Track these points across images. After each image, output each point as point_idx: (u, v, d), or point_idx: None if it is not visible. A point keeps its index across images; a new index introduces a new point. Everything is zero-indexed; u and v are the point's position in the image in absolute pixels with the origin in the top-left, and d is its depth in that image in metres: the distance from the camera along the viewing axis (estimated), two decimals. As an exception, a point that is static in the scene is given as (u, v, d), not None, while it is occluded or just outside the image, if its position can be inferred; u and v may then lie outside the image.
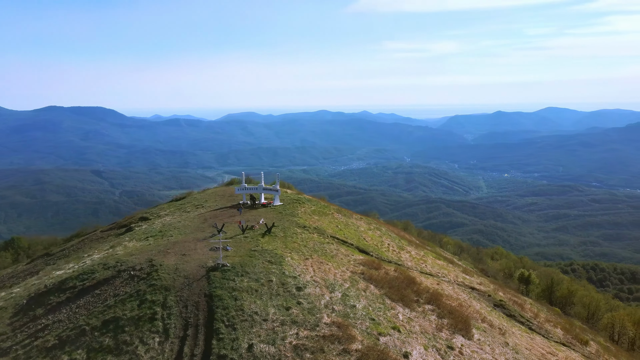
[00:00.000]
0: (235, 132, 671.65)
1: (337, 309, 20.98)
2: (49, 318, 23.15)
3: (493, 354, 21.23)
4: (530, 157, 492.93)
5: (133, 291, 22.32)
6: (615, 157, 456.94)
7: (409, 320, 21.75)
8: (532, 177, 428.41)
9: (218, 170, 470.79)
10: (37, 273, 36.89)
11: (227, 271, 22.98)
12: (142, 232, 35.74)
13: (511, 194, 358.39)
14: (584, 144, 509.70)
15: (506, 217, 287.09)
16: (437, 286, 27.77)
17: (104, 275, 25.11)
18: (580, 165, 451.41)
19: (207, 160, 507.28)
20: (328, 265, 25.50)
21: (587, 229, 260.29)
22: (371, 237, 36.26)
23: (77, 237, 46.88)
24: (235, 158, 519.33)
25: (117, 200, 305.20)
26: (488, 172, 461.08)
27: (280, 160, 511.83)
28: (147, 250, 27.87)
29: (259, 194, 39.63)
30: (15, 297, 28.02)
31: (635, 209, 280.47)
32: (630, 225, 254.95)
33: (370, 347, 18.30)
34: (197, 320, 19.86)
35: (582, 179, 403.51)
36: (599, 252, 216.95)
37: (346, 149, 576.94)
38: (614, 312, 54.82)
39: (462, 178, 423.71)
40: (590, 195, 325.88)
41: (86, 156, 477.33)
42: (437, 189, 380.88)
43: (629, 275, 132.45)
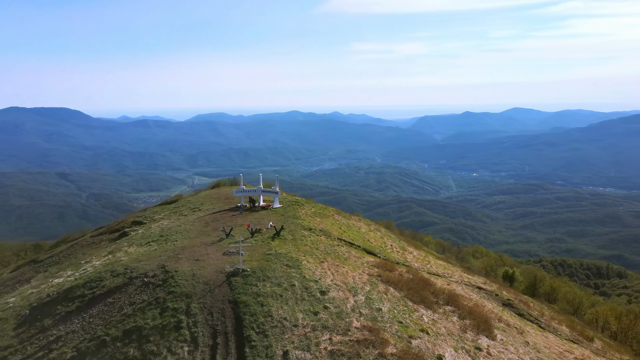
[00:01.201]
0: (205, 133, 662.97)
1: (364, 313, 20.82)
2: (60, 329, 22.19)
3: (518, 353, 21.48)
4: (497, 157, 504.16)
5: (151, 299, 21.60)
6: (578, 156, 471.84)
7: (433, 322, 21.78)
8: (499, 176, 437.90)
9: (188, 172, 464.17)
10: (28, 281, 35.42)
11: (248, 276, 22.51)
12: (140, 236, 34.75)
13: (480, 192, 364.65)
14: (549, 143, 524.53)
15: (475, 216, 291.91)
16: (449, 287, 27.94)
17: (114, 282, 24.23)
18: (545, 164, 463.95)
19: (177, 162, 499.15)
20: (344, 268, 25.31)
21: (553, 226, 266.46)
22: (374, 238, 36.27)
23: (64, 243, 45.23)
24: (205, 159, 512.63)
25: (84, 203, 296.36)
26: (457, 172, 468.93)
27: (252, 161, 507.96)
28: (155, 255, 27.05)
29: (258, 196, 39.08)
30: (15, 307, 26.80)
31: (597, 206, 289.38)
32: (593, 222, 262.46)
33: (405, 351, 18.22)
34: (225, 327, 19.35)
35: (547, 177, 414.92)
36: (564, 248, 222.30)
37: (318, 149, 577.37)
38: (597, 307, 56.38)
39: (432, 178, 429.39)
40: (556, 194, 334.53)
41: (50, 158, 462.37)
42: (408, 188, 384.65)
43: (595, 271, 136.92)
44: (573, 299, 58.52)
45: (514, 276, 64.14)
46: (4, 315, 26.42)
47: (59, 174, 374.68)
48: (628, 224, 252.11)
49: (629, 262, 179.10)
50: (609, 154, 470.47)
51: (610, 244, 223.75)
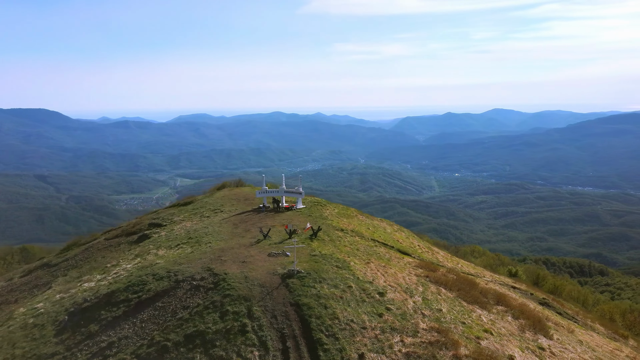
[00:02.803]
0: (187, 134, 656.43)
1: (426, 314, 20.66)
2: (110, 334, 21.50)
3: (577, 352, 21.58)
4: (479, 157, 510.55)
5: (207, 303, 21.06)
6: (557, 156, 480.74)
7: (492, 322, 21.74)
8: (481, 176, 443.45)
9: (170, 174, 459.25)
10: (46, 285, 34.40)
11: (304, 278, 22.15)
12: (165, 239, 34.01)
13: (462, 192, 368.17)
14: (529, 143, 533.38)
15: (458, 215, 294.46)
16: (489, 286, 27.97)
17: (160, 286, 23.60)
18: (525, 164, 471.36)
19: (158, 163, 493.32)
20: (391, 269, 25.12)
21: (534, 225, 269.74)
22: (401, 238, 36.19)
23: (75, 246, 44.01)
24: (187, 160, 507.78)
25: (64, 206, 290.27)
26: (439, 172, 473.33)
27: (234, 163, 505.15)
28: (194, 258, 26.45)
29: (281, 197, 38.65)
30: (48, 313, 25.94)
31: (576, 205, 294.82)
32: (573, 220, 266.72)
33: (478, 352, 18.11)
34: (293, 331, 18.96)
35: (527, 177, 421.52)
36: (545, 247, 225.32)
37: (301, 150, 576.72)
38: (602, 304, 57.28)
39: (414, 178, 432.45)
40: (536, 193, 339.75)
41: (28, 160, 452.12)
42: (391, 189, 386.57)
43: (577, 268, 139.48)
44: (577, 296, 59.32)
45: (517, 274, 64.80)
46: (38, 321, 25.54)
47: (38, 176, 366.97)
48: (606, 223, 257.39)
49: (608, 260, 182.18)
50: (588, 154, 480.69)
51: (589, 242, 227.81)
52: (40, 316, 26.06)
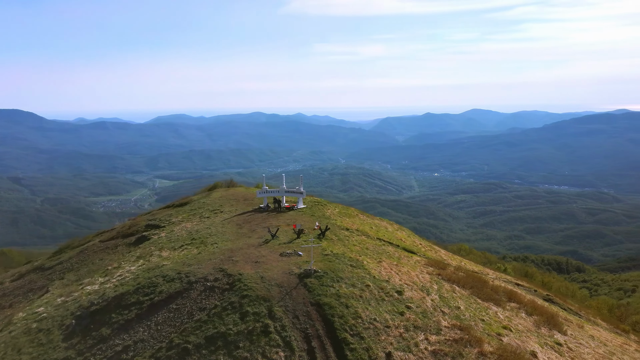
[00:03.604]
0: (166, 135, 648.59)
1: (446, 312, 20.72)
2: (124, 338, 21.01)
3: (591, 347, 21.92)
4: (458, 157, 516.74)
5: (225, 304, 20.75)
6: (534, 155, 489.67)
7: (509, 319, 21.94)
8: (460, 176, 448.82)
9: (148, 175, 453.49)
10: (43, 289, 33.51)
11: (322, 277, 22.00)
12: (166, 240, 33.44)
13: (441, 192, 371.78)
14: (506, 143, 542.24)
15: (438, 215, 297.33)
16: (496, 283, 28.23)
17: (172, 288, 23.17)
18: (503, 163, 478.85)
19: (137, 165, 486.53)
20: (404, 267, 25.15)
21: (512, 223, 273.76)
22: (403, 237, 36.31)
23: (69, 249, 42.97)
24: (166, 162, 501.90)
25: (39, 208, 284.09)
26: (419, 172, 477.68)
27: (214, 163, 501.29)
28: (204, 259, 26.06)
29: (281, 196, 38.40)
30: (53, 317, 25.26)
31: (553, 204, 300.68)
32: (549, 219, 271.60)
33: (503, 348, 18.24)
34: (317, 331, 18.80)
35: (505, 176, 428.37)
36: (523, 245, 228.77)
37: (282, 151, 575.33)
38: (590, 300, 58.47)
39: (394, 178, 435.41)
40: (514, 192, 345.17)
41: (2, 162, 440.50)
42: (372, 189, 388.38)
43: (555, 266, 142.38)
44: (566, 292, 60.43)
45: (507, 272, 65.68)
46: (43, 325, 24.84)
47: (12, 178, 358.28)
48: (582, 221, 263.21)
49: (583, 256, 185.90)
50: (563, 154, 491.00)
51: (565, 240, 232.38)
52: (44, 321, 25.35)
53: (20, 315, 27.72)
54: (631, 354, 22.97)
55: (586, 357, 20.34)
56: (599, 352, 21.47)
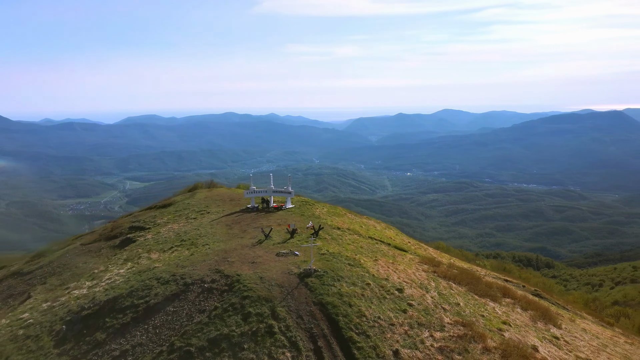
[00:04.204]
0: (136, 136, 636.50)
1: (447, 309, 20.89)
2: (120, 342, 20.44)
3: (585, 340, 22.45)
4: (430, 157, 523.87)
5: (226, 305, 20.41)
6: (504, 154, 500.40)
7: (507, 314, 22.28)
8: (432, 175, 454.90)
9: (119, 177, 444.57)
10: (24, 295, 32.35)
11: (322, 277, 21.87)
12: (153, 242, 32.74)
13: (414, 191, 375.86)
14: (477, 143, 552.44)
15: (411, 214, 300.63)
16: (489, 280, 28.64)
17: (168, 290, 22.67)
18: (474, 163, 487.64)
19: (106, 166, 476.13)
20: (400, 266, 25.27)
21: (483, 221, 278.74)
22: (392, 235, 36.49)
23: (48, 253, 41.55)
24: (137, 163, 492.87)
25: (4, 212, 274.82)
26: (392, 172, 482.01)
27: (186, 165, 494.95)
28: (197, 260, 25.60)
29: (269, 196, 38.09)
30: (41, 323, 24.41)
31: (522, 202, 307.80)
32: (519, 216, 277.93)
33: (506, 343, 18.50)
34: (322, 330, 18.67)
35: (476, 175, 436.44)
36: (494, 242, 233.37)
37: (255, 151, 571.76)
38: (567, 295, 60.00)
39: (368, 178, 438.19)
40: (484, 191, 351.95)
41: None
42: (346, 189, 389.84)
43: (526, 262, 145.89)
44: (543, 288, 61.81)
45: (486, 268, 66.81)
46: (30, 332, 23.98)
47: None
48: (549, 218, 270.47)
49: (551, 253, 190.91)
50: (532, 153, 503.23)
51: (534, 237, 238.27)
52: (31, 327, 24.47)
53: (3, 322, 26.69)
54: (621, 345, 23.62)
55: (582, 350, 20.82)
56: (592, 345, 22.01)
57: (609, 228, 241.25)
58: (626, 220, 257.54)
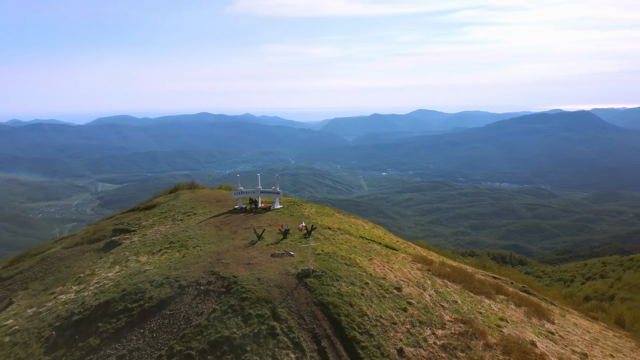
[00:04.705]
0: (108, 137, 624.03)
1: (445, 306, 21.04)
2: (116, 347, 19.94)
3: (578, 335, 22.90)
4: (405, 156, 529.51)
5: (225, 307, 20.10)
6: (477, 154, 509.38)
7: (502, 311, 22.57)
8: (407, 175, 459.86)
9: (90, 178, 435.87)
10: (4, 301, 31.25)
11: (321, 277, 21.76)
12: (140, 244, 32.07)
13: (390, 191, 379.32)
14: (451, 142, 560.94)
15: (387, 213, 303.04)
16: (480, 277, 29.00)
17: (163, 293, 22.22)
18: (448, 162, 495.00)
19: (77, 168, 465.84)
20: (395, 265, 25.36)
21: (457, 220, 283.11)
22: (381, 235, 36.58)
23: (27, 258, 40.25)
24: (109, 164, 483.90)
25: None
26: (368, 172, 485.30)
27: (160, 166, 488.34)
28: (190, 262, 25.17)
29: (257, 197, 37.77)
30: (28, 330, 23.64)
31: (495, 200, 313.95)
32: (492, 215, 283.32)
33: (506, 339, 18.74)
34: (324, 330, 18.57)
35: (450, 175, 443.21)
36: (468, 240, 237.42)
37: (231, 152, 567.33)
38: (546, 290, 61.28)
39: (344, 178, 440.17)
40: (458, 190, 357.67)
41: None
42: (322, 189, 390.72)
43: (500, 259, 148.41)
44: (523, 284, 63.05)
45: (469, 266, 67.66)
46: (17, 339, 23.18)
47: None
48: (521, 216, 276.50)
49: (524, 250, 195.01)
50: (504, 152, 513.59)
51: (507, 234, 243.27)
52: (17, 334, 23.65)
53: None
54: (611, 339, 24.22)
55: (577, 344, 21.27)
56: (585, 339, 22.51)
57: (578, 225, 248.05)
58: (595, 218, 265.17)
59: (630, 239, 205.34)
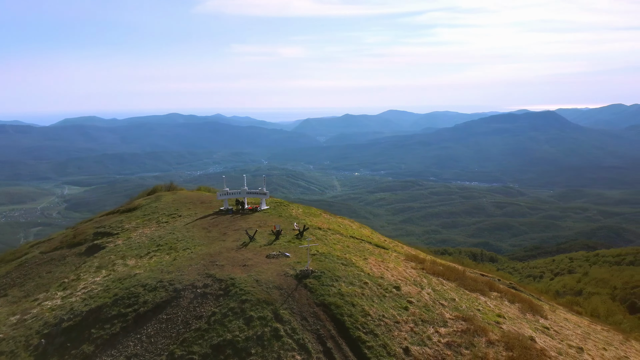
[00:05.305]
0: (75, 139, 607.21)
1: (445, 304, 21.20)
2: (112, 354, 19.36)
3: (571, 329, 23.45)
4: (376, 156, 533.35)
5: (225, 310, 19.74)
6: (447, 153, 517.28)
7: (498, 308, 22.89)
8: (379, 175, 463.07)
9: (57, 181, 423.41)
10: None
11: (320, 277, 21.62)
12: (126, 248, 31.23)
13: (362, 191, 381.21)
14: (421, 142, 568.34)
15: (360, 213, 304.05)
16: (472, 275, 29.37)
17: (158, 297, 21.69)
18: (419, 162, 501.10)
19: (43, 171, 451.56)
20: (390, 264, 25.43)
21: (429, 219, 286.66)
22: (369, 234, 36.69)
23: (3, 263, 38.71)
24: (76, 167, 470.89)
25: None
26: (341, 172, 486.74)
27: (129, 167, 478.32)
28: (183, 265, 24.64)
29: (243, 198, 37.33)
30: (14, 338, 22.79)
31: (465, 199, 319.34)
32: (463, 213, 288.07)
33: (507, 335, 19.01)
34: (329, 331, 18.44)
35: (421, 174, 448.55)
36: (440, 238, 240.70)
37: (202, 153, 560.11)
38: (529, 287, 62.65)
39: (317, 178, 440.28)
40: (429, 189, 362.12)
41: None
42: (295, 189, 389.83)
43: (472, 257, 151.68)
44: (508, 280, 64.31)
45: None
46: (3, 348, 22.35)
47: None
48: (491, 214, 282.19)
49: (494, 247, 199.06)
50: (473, 151, 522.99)
51: (477, 232, 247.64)
52: (3, 342, 22.73)
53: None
54: (600, 333, 24.91)
55: (571, 339, 21.77)
56: (578, 333, 23.07)
57: (545, 222, 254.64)
58: (561, 215, 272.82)
59: (595, 235, 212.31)
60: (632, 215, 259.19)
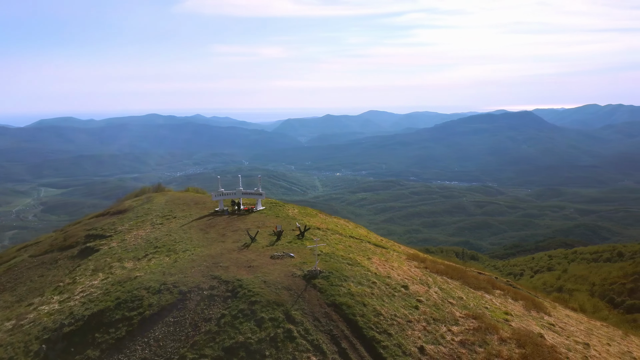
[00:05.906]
0: (51, 140, 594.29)
1: (453, 303, 21.27)
2: (119, 359, 18.86)
3: (574, 326, 23.77)
4: (358, 157, 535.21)
5: (235, 312, 19.45)
6: (427, 153, 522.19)
7: (504, 305, 23.07)
8: (360, 175, 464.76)
9: (32, 183, 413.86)
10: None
11: (329, 277, 21.47)
12: (122, 250, 30.59)
13: (344, 191, 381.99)
14: (402, 143, 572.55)
15: (342, 213, 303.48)
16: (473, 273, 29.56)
17: (163, 300, 21.26)
18: (399, 162, 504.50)
19: (17, 173, 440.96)
20: (394, 263, 25.44)
21: (410, 218, 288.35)
22: (365, 234, 36.68)
23: (-11, 267, 37.53)
24: (52, 168, 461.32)
25: None
26: (322, 172, 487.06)
27: (107, 169, 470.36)
28: (185, 267, 24.23)
29: (239, 199, 36.96)
30: (12, 344, 22.12)
31: (446, 198, 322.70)
32: (443, 212, 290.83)
33: (518, 333, 19.16)
34: (342, 332, 18.30)
35: (402, 174, 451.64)
36: (421, 238, 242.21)
37: (181, 154, 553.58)
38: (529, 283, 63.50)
39: (299, 179, 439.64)
40: (410, 189, 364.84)
41: None
42: (277, 190, 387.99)
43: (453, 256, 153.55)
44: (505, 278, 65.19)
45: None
46: (1, 354, 21.56)
47: None
48: (471, 213, 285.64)
49: (474, 246, 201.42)
50: (453, 151, 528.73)
51: (458, 231, 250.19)
52: (0, 349, 21.96)
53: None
54: (601, 329, 25.32)
55: (577, 335, 22.08)
56: (581, 329, 23.41)
57: (524, 221, 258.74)
58: (539, 213, 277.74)
59: (572, 232, 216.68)
60: (607, 213, 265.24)
